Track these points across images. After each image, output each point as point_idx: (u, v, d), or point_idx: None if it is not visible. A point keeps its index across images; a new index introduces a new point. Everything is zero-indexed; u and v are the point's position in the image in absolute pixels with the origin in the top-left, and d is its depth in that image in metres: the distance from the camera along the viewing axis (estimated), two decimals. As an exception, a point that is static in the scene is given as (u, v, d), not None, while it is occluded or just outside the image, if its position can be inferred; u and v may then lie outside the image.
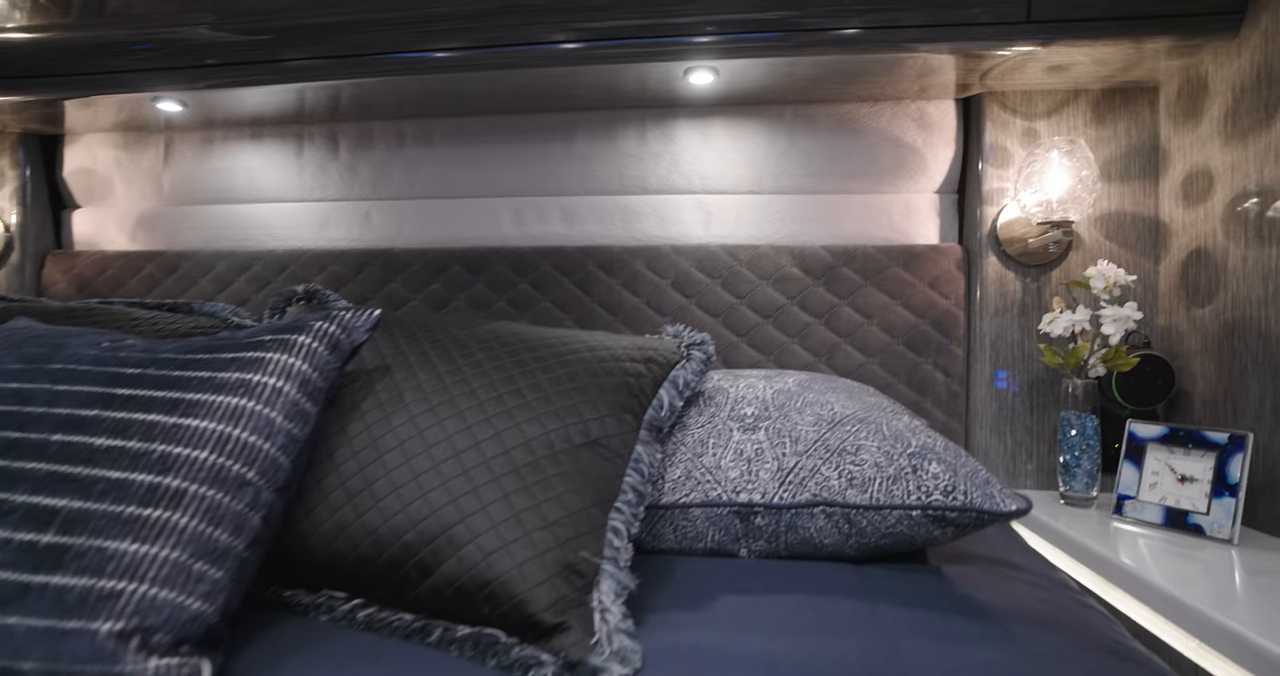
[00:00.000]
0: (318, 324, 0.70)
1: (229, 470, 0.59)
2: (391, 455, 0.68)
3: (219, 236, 1.63)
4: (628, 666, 0.56)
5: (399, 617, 0.64)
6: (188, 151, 1.65)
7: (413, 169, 1.52)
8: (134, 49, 1.40)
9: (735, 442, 0.84)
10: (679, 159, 1.44)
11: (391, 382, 0.75)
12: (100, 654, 0.49)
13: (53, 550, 0.52)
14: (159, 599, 0.52)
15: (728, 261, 1.39)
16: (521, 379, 0.75)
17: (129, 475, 0.56)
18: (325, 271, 1.51)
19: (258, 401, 0.62)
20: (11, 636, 0.50)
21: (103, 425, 0.60)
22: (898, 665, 0.58)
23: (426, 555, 0.63)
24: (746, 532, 0.81)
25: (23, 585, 0.51)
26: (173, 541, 0.54)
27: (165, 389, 0.63)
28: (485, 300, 1.42)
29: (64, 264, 1.67)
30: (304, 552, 0.67)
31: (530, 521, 0.63)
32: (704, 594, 0.73)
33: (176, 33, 1.36)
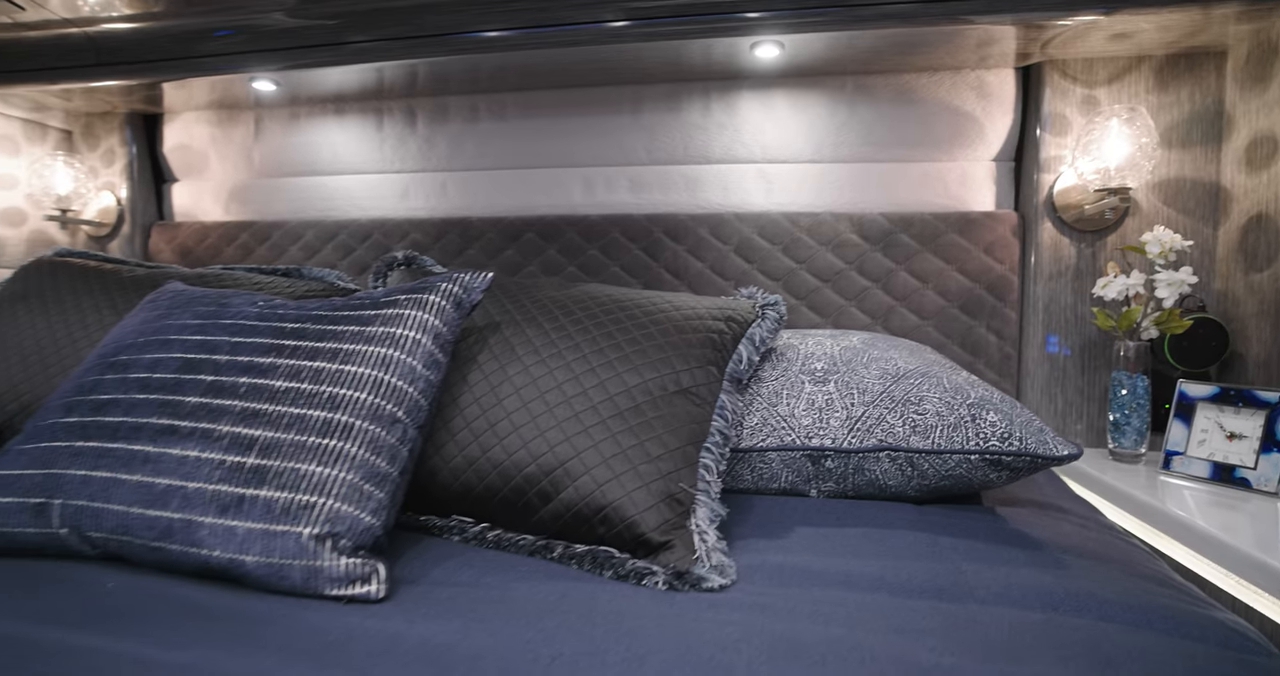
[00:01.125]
0: (444, 285, 0.79)
1: (384, 409, 0.69)
2: (510, 400, 0.78)
3: (306, 207, 1.75)
4: (726, 577, 0.66)
5: (522, 538, 0.74)
6: (276, 127, 1.76)
7: (487, 141, 1.60)
8: (217, 35, 1.51)
9: (807, 394, 0.92)
10: (742, 129, 1.50)
11: (503, 338, 0.85)
12: (305, 551, 0.60)
13: (257, 470, 0.64)
14: (342, 511, 0.63)
15: (788, 228, 1.45)
16: (619, 334, 0.84)
17: (306, 412, 0.67)
18: (406, 239, 1.62)
19: (401, 351, 0.73)
20: (235, 535, 0.61)
21: (279, 370, 0.71)
22: (959, 582, 0.66)
23: (546, 485, 0.73)
24: (817, 474, 0.90)
25: (239, 496, 0.62)
26: (348, 466, 0.65)
27: (324, 341, 0.73)
28: (557, 265, 1.51)
29: (167, 234, 1.81)
30: (435, 484, 0.78)
31: (636, 456, 0.73)
32: (781, 526, 0.82)
33: (255, 19, 1.46)
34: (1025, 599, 0.63)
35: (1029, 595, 0.64)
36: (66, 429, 0.71)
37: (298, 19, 1.45)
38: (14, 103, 1.72)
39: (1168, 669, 0.52)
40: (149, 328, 0.82)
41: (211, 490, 0.63)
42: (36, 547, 0.68)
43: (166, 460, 0.65)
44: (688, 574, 0.65)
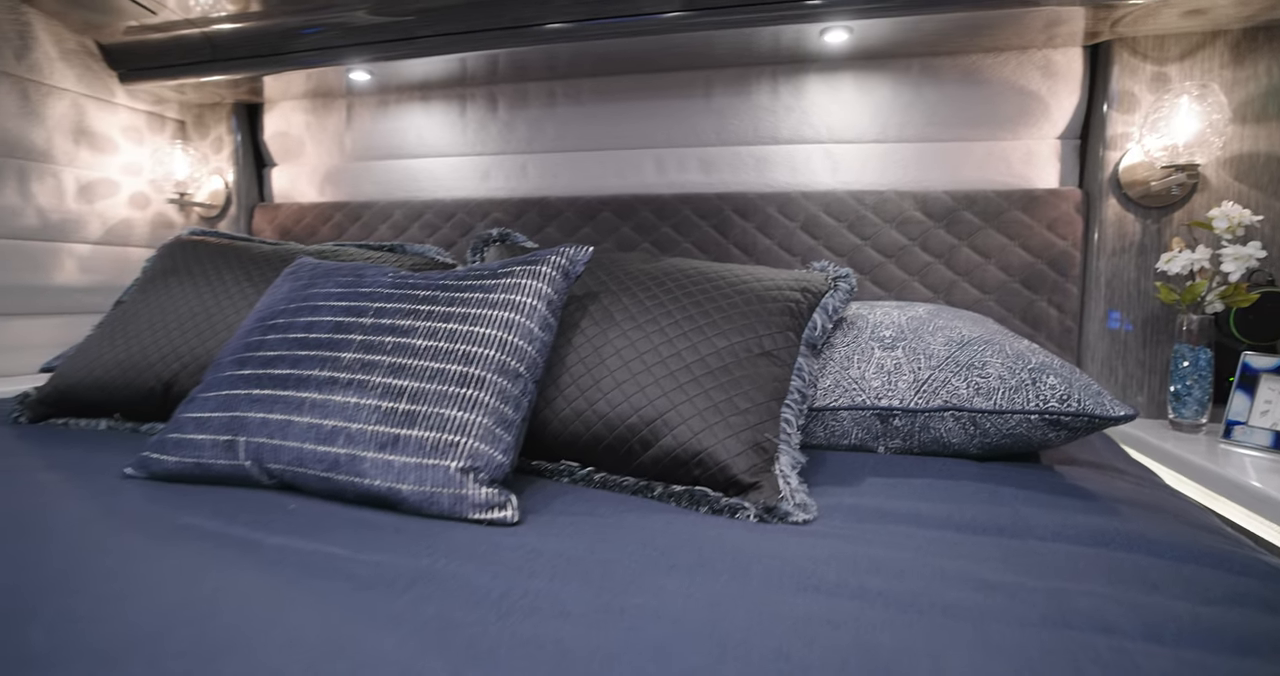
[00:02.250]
0: (553, 257, 0.90)
1: (509, 364, 0.80)
2: (611, 360, 0.88)
3: (394, 188, 1.88)
4: (808, 513, 0.75)
5: (625, 480, 0.85)
6: (366, 114, 1.89)
7: (564, 125, 1.70)
8: (306, 33, 1.64)
9: (876, 358, 1.00)
10: (809, 111, 1.56)
11: (602, 306, 0.95)
12: (452, 482, 0.72)
13: (408, 414, 0.75)
14: (480, 449, 0.74)
15: (853, 206, 1.51)
16: (706, 303, 0.93)
17: (445, 366, 0.78)
18: (488, 218, 1.73)
19: (521, 314, 0.83)
20: (392, 467, 0.73)
21: (418, 331, 0.82)
22: (1018, 522, 0.74)
23: (647, 433, 0.83)
24: (885, 432, 0.98)
25: (394, 435, 0.74)
26: (482, 412, 0.76)
27: (454, 305, 0.84)
28: (631, 242, 1.61)
29: (269, 214, 1.97)
30: (546, 433, 0.89)
31: (726, 409, 0.82)
32: (853, 475, 0.90)
33: (340, 17, 1.58)
34: (1079, 536, 0.71)
35: (1083, 534, 0.71)
36: (243, 380, 0.85)
37: (378, 16, 1.56)
38: (139, 97, 1.89)
39: (1208, 593, 0.59)
40: (298, 295, 0.95)
41: (371, 430, 0.75)
42: (226, 477, 0.81)
43: (331, 405, 0.78)
44: (775, 509, 0.74)
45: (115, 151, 1.86)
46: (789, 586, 0.58)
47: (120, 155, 1.87)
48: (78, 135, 1.76)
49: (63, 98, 1.73)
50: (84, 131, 1.78)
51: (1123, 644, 0.50)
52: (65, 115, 1.73)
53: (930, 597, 0.56)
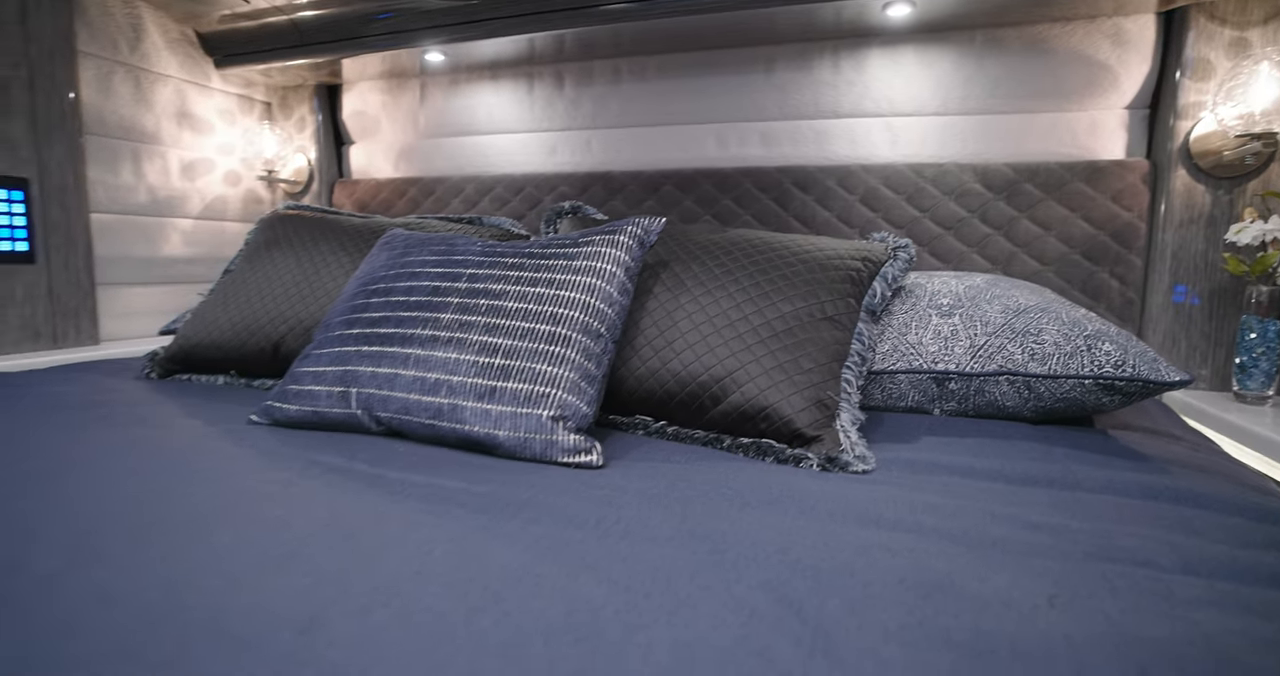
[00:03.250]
0: (630, 228, 0.97)
1: (591, 325, 0.88)
2: (683, 323, 0.95)
3: (465, 164, 1.97)
4: (867, 464, 0.81)
5: (695, 432, 0.92)
6: (438, 93, 1.98)
7: (628, 101, 1.76)
8: (380, 18, 1.72)
9: (934, 325, 1.05)
10: (870, 85, 1.58)
11: (673, 273, 1.02)
12: (543, 428, 0.80)
13: (503, 368, 0.84)
14: (568, 400, 0.82)
15: (913, 178, 1.54)
16: (771, 271, 0.99)
17: (534, 326, 0.87)
18: (554, 192, 1.81)
19: (601, 280, 0.91)
20: (490, 415, 0.82)
21: (509, 295, 0.90)
22: (1068, 477, 0.79)
23: (716, 390, 0.90)
24: (941, 395, 1.03)
25: (491, 387, 0.83)
26: (569, 367, 0.84)
27: (540, 272, 0.92)
28: (693, 214, 1.66)
29: (348, 190, 2.09)
30: (622, 390, 0.97)
31: (791, 369, 0.88)
32: (909, 434, 0.96)
33: (414, 2, 1.66)
34: (1127, 490, 0.75)
35: (1131, 487, 0.76)
36: (353, 338, 0.95)
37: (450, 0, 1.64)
38: (231, 81, 2.03)
39: (1249, 539, 0.63)
40: (395, 262, 1.04)
41: (470, 382, 0.84)
42: (340, 423, 0.92)
43: (433, 360, 0.87)
44: (836, 459, 0.81)
45: (212, 132, 2.00)
46: (851, 521, 0.65)
47: (216, 136, 2.01)
48: (180, 118, 1.91)
49: (167, 84, 1.86)
50: (185, 114, 1.92)
51: (1159, 575, 0.55)
52: (170, 100, 1.87)
53: (980, 534, 0.62)
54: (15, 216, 1.49)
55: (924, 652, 0.43)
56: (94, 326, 1.68)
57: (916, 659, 0.42)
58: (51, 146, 1.56)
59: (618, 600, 0.48)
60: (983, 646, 0.44)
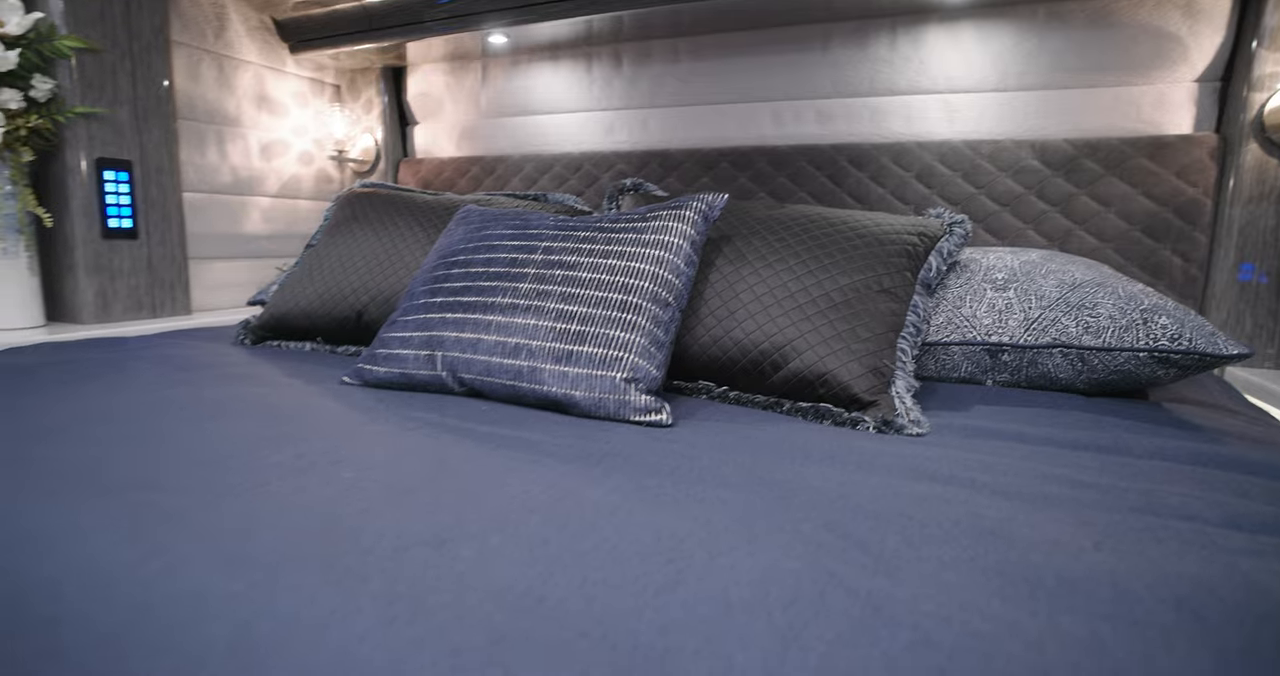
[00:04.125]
0: (695, 203, 1.02)
1: (660, 294, 0.94)
2: (744, 294, 1.01)
3: (525, 142, 2.04)
4: (922, 428, 0.86)
5: (757, 397, 0.98)
6: (499, 74, 2.04)
7: (685, 80, 1.79)
8: (442, 3, 1.78)
9: (988, 299, 1.07)
10: (927, 62, 1.58)
11: (735, 247, 1.07)
12: (617, 389, 0.87)
13: (579, 334, 0.91)
14: (639, 364, 0.89)
15: (969, 155, 1.54)
16: (829, 244, 1.03)
17: (607, 295, 0.93)
18: (612, 169, 1.87)
19: (669, 252, 0.96)
20: (567, 377, 0.89)
21: (583, 266, 0.97)
22: (1118, 443, 0.82)
23: (777, 357, 0.95)
24: (994, 366, 1.06)
25: (568, 351, 0.90)
26: (639, 333, 0.90)
27: (611, 244, 0.98)
28: (748, 191, 1.70)
29: (412, 168, 2.18)
30: (686, 357, 1.03)
31: (849, 337, 0.93)
32: (962, 403, 1.00)
33: None
34: (1178, 456, 0.78)
35: (1181, 454, 0.78)
36: (437, 305, 1.02)
37: None
38: (304, 65, 2.12)
39: (1296, 500, 0.66)
40: (473, 236, 1.11)
41: (548, 346, 0.91)
42: (426, 384, 1.00)
43: (514, 326, 0.94)
44: (892, 422, 0.85)
45: (286, 115, 2.10)
46: (907, 476, 0.70)
47: (290, 118, 2.12)
48: (259, 101, 2.01)
49: (247, 69, 1.97)
50: (263, 98, 2.03)
51: (1203, 528, 0.59)
52: (250, 84, 1.98)
53: (1030, 490, 0.67)
54: (122, 196, 1.62)
55: (976, 578, 0.48)
56: (187, 297, 1.81)
57: (969, 582, 0.48)
58: (150, 131, 1.68)
59: (700, 532, 0.54)
60: (1030, 576, 0.49)
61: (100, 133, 1.59)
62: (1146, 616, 0.44)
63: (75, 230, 1.58)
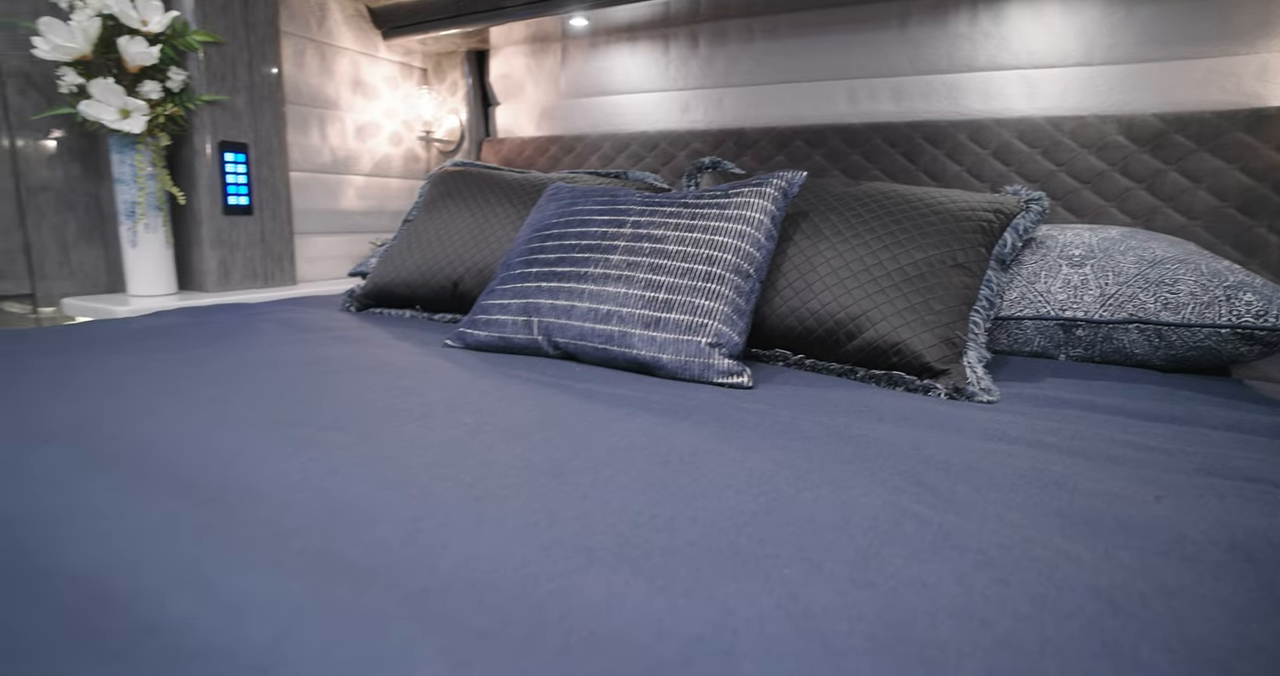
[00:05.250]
0: (775, 180, 1.07)
1: (741, 266, 1.00)
2: (821, 267, 1.06)
3: (602, 122, 2.11)
4: (992, 396, 0.90)
5: (831, 365, 1.04)
6: (578, 56, 2.11)
7: (760, 59, 1.82)
8: None
9: (1064, 274, 1.09)
10: (1008, 37, 1.57)
11: (812, 223, 1.12)
12: (701, 353, 0.94)
13: (666, 302, 0.98)
14: (722, 330, 0.95)
15: (1050, 131, 1.53)
16: (904, 220, 1.07)
17: (692, 266, 1.00)
18: (688, 148, 1.92)
19: (750, 227, 1.02)
20: (655, 341, 0.97)
21: (669, 239, 1.04)
22: (1191, 415, 0.84)
23: (851, 327, 1.00)
24: (1067, 341, 1.08)
25: (656, 317, 0.97)
26: (723, 302, 0.97)
27: (695, 220, 1.05)
28: (822, 169, 1.73)
29: (494, 148, 2.28)
30: (764, 326, 1.09)
31: (922, 309, 0.97)
32: (1033, 375, 1.03)
33: None
34: (1254, 428, 0.80)
35: (1258, 427, 0.80)
36: (533, 276, 1.11)
37: None
38: (395, 50, 2.25)
39: (1369, 468, 0.68)
40: (564, 211, 1.20)
41: (638, 313, 0.99)
42: (523, 347, 1.10)
43: (605, 294, 1.02)
44: (963, 389, 0.90)
45: (379, 98, 2.23)
46: (976, 435, 0.75)
47: (382, 101, 2.24)
48: (354, 86, 2.15)
49: (345, 55, 2.10)
50: (359, 82, 2.16)
51: (1270, 489, 0.62)
52: (347, 70, 2.11)
53: (1096, 451, 0.71)
54: (240, 175, 1.77)
55: (1038, 519, 0.54)
56: (292, 268, 1.97)
57: (1032, 522, 0.53)
58: (263, 115, 1.83)
59: (785, 472, 0.61)
60: (1091, 519, 0.54)
61: (222, 118, 1.74)
62: (1199, 554, 0.49)
63: (201, 207, 1.74)
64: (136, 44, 1.52)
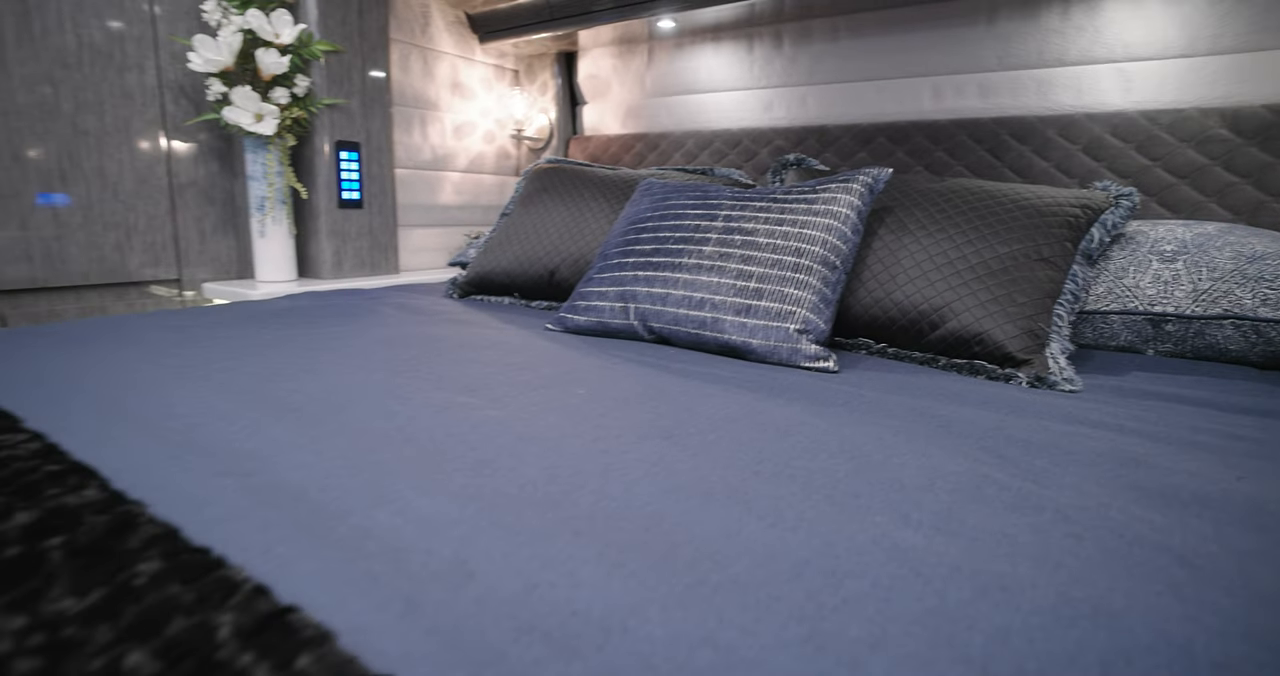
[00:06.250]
0: (861, 177, 1.12)
1: (829, 258, 1.06)
2: (905, 260, 1.10)
3: (686, 120, 2.18)
4: (1075, 386, 0.93)
5: (913, 353, 1.08)
6: (664, 56, 2.19)
7: (845, 57, 1.85)
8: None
9: (1154, 270, 1.10)
10: (1103, 30, 1.55)
11: (896, 217, 1.16)
12: (790, 338, 1.01)
13: (757, 290, 1.05)
14: (809, 318, 1.01)
15: (1145, 126, 1.51)
16: (989, 215, 1.10)
17: (781, 257, 1.06)
18: (770, 145, 1.97)
19: (837, 221, 1.08)
20: (746, 327, 1.03)
21: (759, 232, 1.10)
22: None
23: (934, 317, 1.04)
24: (1156, 336, 1.09)
25: (747, 305, 1.04)
26: (810, 291, 1.03)
27: (784, 213, 1.11)
28: (904, 165, 1.75)
29: (581, 145, 2.39)
30: (848, 315, 1.14)
31: (1005, 301, 1.01)
32: (1119, 368, 1.04)
33: None
34: (1345, 421, 0.80)
35: (1350, 420, 0.81)
36: (629, 265, 1.20)
37: None
38: (489, 53, 2.38)
39: None
40: (657, 205, 1.28)
41: (730, 300, 1.06)
42: (619, 332, 1.18)
43: (699, 283, 1.09)
44: (1045, 379, 0.93)
45: (474, 98, 2.37)
46: (1057, 419, 0.79)
47: (477, 101, 2.38)
48: (453, 88, 2.29)
49: (444, 60, 2.25)
50: (457, 84, 2.30)
51: (1353, 475, 0.64)
52: (446, 73, 2.26)
53: (1178, 437, 0.74)
54: (353, 172, 1.94)
55: (1114, 490, 0.58)
56: (396, 258, 2.13)
57: (1108, 492, 0.58)
58: (373, 117, 1.99)
59: (873, 442, 0.68)
60: (1167, 492, 0.58)
61: (338, 120, 1.90)
62: (1274, 524, 0.53)
63: (319, 201, 1.91)
64: (270, 55, 1.69)
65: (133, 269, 1.78)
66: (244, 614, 0.34)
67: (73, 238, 1.66)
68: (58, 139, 1.62)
